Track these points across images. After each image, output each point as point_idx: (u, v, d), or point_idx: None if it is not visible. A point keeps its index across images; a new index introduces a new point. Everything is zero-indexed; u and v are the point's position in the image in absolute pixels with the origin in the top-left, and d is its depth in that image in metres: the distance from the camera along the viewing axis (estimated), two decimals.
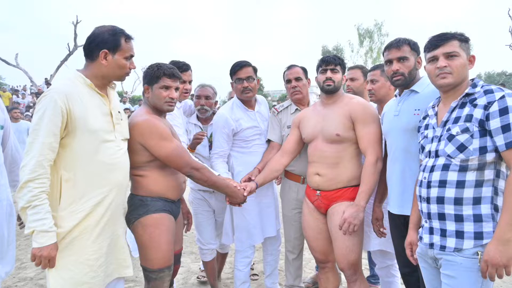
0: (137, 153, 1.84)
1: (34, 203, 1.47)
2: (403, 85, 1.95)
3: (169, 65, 1.95)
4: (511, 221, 1.33)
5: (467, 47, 1.56)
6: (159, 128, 1.83)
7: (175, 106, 1.98)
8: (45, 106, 1.51)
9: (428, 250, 1.57)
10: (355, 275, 2.09)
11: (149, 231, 1.82)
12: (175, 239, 2.01)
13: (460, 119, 1.48)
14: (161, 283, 1.86)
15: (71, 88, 1.59)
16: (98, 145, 1.61)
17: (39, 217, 1.47)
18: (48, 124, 1.50)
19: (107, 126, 1.67)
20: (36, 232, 1.47)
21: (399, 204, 1.92)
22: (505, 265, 1.33)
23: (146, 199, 1.86)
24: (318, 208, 2.20)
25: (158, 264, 1.83)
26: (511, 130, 1.36)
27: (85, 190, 1.59)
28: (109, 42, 1.65)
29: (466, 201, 1.45)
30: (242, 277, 2.53)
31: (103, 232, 1.65)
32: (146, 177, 1.87)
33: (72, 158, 1.57)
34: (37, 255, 1.48)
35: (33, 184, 1.48)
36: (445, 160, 1.51)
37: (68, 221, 1.55)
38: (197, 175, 1.93)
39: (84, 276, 1.59)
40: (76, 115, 1.56)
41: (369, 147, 2.06)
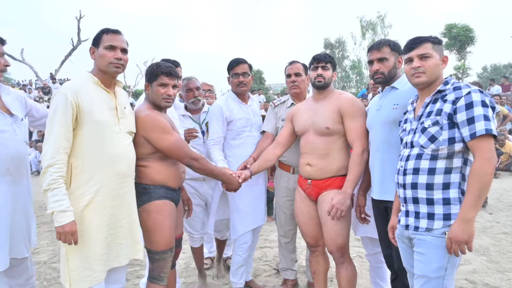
0: (141, 145, 2.00)
1: (53, 186, 1.67)
2: (383, 82, 2.12)
3: (167, 64, 2.10)
4: (472, 203, 1.49)
5: (440, 49, 1.71)
6: (160, 123, 1.99)
7: (172, 102, 2.12)
8: (58, 101, 1.72)
9: (404, 231, 1.75)
10: (342, 257, 2.27)
11: (153, 217, 1.99)
12: (176, 224, 2.17)
13: (432, 113, 1.64)
14: (164, 263, 2.03)
15: (80, 85, 1.79)
16: (104, 136, 1.80)
17: (57, 198, 1.67)
18: (61, 117, 1.70)
19: (112, 119, 1.85)
20: (55, 212, 1.67)
21: (379, 191, 2.08)
22: (466, 241, 1.50)
23: (149, 187, 2.02)
24: (309, 196, 2.37)
25: (161, 246, 2.00)
26: (475, 123, 1.51)
27: (91, 176, 1.77)
28: (94, 39, 1.87)
29: (437, 186, 1.61)
30: (240, 261, 2.72)
31: (109, 216, 1.82)
32: (149, 167, 2.03)
33: (80, 147, 1.76)
34: (61, 232, 1.68)
35: (53, 169, 1.67)
36: (418, 150, 1.67)
37: (76, 203, 1.74)
38: (196, 165, 2.09)
39: (95, 254, 1.78)
40: (84, 109, 1.75)
41: (356, 139, 2.22)
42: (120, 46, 1.86)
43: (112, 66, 1.85)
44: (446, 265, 1.58)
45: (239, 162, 2.61)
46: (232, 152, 2.71)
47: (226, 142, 2.73)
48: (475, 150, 1.53)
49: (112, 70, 1.87)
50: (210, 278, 3.14)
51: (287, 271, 2.88)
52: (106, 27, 1.88)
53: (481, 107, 1.51)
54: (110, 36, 1.85)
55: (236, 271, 2.75)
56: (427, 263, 1.62)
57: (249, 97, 2.83)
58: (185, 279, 3.16)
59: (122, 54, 1.87)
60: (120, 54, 1.86)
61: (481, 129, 1.49)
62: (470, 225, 1.50)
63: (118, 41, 1.86)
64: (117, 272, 2.01)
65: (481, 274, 3.14)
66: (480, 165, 1.50)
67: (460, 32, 22.21)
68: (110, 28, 1.89)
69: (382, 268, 2.60)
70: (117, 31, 1.88)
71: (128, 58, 1.93)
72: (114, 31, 1.88)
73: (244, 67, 2.68)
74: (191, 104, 2.87)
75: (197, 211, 2.80)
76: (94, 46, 1.88)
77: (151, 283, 2.06)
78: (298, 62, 2.67)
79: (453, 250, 1.53)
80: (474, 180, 1.50)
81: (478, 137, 1.50)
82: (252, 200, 2.67)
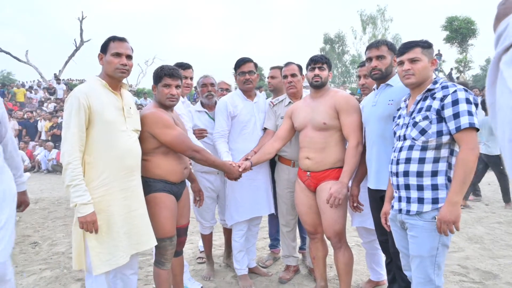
0: (146, 140, 2.18)
1: (75, 183, 1.86)
2: (380, 78, 2.29)
3: (170, 66, 2.28)
4: (458, 188, 1.68)
5: (429, 52, 1.89)
6: (163, 119, 2.17)
7: (176, 101, 2.29)
8: (72, 104, 1.91)
9: (397, 215, 1.93)
10: (339, 242, 2.45)
11: (151, 207, 2.16)
12: (180, 215, 2.36)
13: (422, 109, 1.83)
14: (164, 250, 2.22)
15: (90, 89, 1.98)
16: (112, 134, 1.98)
17: (79, 193, 1.86)
18: (75, 118, 1.89)
19: (120, 118, 2.03)
20: (78, 205, 1.86)
21: (375, 181, 2.26)
22: (454, 221, 1.69)
23: (149, 180, 2.20)
24: (308, 187, 2.55)
25: (159, 234, 2.16)
26: (460, 117, 1.70)
27: (102, 171, 1.95)
28: (102, 46, 2.05)
29: (426, 174, 1.80)
30: (238, 247, 2.94)
31: (123, 206, 2.00)
32: (150, 162, 2.20)
33: (92, 144, 1.94)
34: (83, 222, 1.87)
35: (72, 166, 1.86)
36: (410, 142, 1.86)
37: (91, 195, 1.91)
38: (198, 156, 2.27)
39: (114, 240, 1.97)
40: (95, 109, 1.93)
41: (351, 133, 2.40)
42: (125, 53, 2.04)
43: (118, 72, 2.02)
44: (437, 245, 1.77)
45: (241, 156, 2.80)
46: (235, 146, 2.89)
47: (231, 136, 2.92)
48: (460, 141, 1.72)
49: (118, 75, 2.04)
50: (217, 265, 3.35)
51: (289, 258, 3.07)
52: (113, 35, 2.06)
53: (465, 104, 1.70)
54: (117, 44, 2.03)
55: (237, 256, 2.95)
56: (420, 245, 1.80)
57: (255, 95, 3.01)
58: (194, 267, 3.36)
59: (127, 60, 2.05)
60: (125, 60, 2.03)
61: (465, 123, 1.68)
62: (457, 207, 1.69)
63: (124, 48, 2.03)
64: (131, 257, 2.16)
65: (474, 260, 3.29)
66: (465, 155, 1.68)
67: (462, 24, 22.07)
68: (116, 36, 2.07)
69: (377, 254, 2.80)
70: (123, 39, 2.06)
71: (132, 64, 2.11)
72: (120, 39, 2.05)
73: (250, 66, 2.89)
74: (205, 99, 3.08)
75: (209, 203, 3.00)
76: (102, 52, 2.05)
77: (155, 266, 2.28)
78: (293, 63, 2.86)
79: (442, 230, 1.72)
80: (460, 168, 1.69)
81: (463, 130, 1.69)
82: (249, 192, 2.86)
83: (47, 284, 2.98)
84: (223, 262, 3.41)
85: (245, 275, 2.95)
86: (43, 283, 3.00)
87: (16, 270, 3.27)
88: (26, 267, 3.35)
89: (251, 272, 3.09)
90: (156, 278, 2.28)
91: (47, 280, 3.06)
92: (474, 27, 22.23)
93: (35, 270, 3.27)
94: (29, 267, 3.35)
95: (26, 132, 11.47)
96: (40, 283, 3.01)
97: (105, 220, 1.95)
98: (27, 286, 2.94)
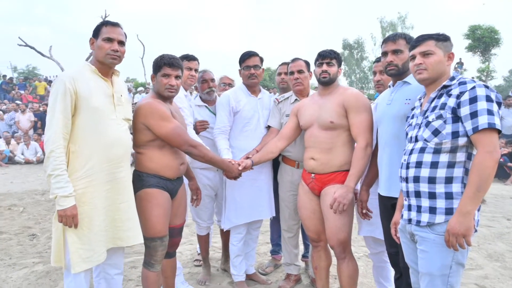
0: (140, 132, 2.06)
1: (56, 172, 1.74)
2: (396, 75, 2.09)
3: (170, 55, 2.15)
4: (471, 195, 1.47)
5: (444, 45, 1.69)
6: (159, 110, 2.04)
7: (176, 92, 2.16)
8: (57, 89, 1.80)
9: (406, 225, 1.73)
10: (343, 253, 2.26)
11: (142, 204, 2.04)
12: (175, 214, 2.21)
13: (437, 108, 1.63)
14: (154, 251, 2.08)
15: (78, 73, 1.87)
16: (100, 121, 1.86)
17: (60, 185, 1.74)
18: (60, 103, 1.77)
19: (109, 106, 1.92)
20: (58, 197, 1.74)
21: (386, 187, 2.06)
22: (464, 234, 1.47)
23: (142, 174, 2.08)
24: (312, 190, 2.37)
25: (149, 233, 2.04)
26: (478, 117, 1.49)
27: (87, 160, 1.83)
28: (94, 31, 1.94)
29: (439, 180, 1.59)
30: (236, 251, 2.77)
31: (106, 199, 1.88)
32: (144, 155, 2.08)
33: (77, 132, 1.83)
34: (62, 215, 1.75)
35: (55, 154, 1.75)
36: (422, 143, 1.66)
37: (74, 185, 1.80)
38: (194, 152, 2.13)
39: (95, 235, 1.84)
40: (81, 95, 1.82)
41: (360, 133, 2.21)
42: (117, 39, 1.92)
43: (109, 58, 1.91)
44: (450, 263, 1.56)
45: (242, 154, 2.63)
46: (236, 143, 2.74)
47: (232, 132, 2.76)
48: (477, 144, 1.51)
49: (109, 61, 1.93)
50: (215, 269, 3.19)
51: (290, 266, 2.89)
52: (106, 20, 1.97)
53: (485, 102, 1.50)
54: (109, 29, 1.91)
55: (234, 261, 2.78)
56: (430, 261, 1.60)
57: (260, 91, 2.85)
58: (190, 269, 3.21)
59: (119, 46, 1.93)
60: (117, 46, 1.92)
61: (484, 123, 1.48)
62: (468, 218, 1.48)
63: (116, 34, 1.92)
64: (114, 256, 2.06)
65: (493, 280, 3.04)
66: (481, 158, 1.48)
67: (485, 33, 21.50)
68: (109, 20, 1.96)
69: (386, 267, 2.56)
70: (116, 24, 1.95)
71: (125, 50, 1.99)
72: (113, 23, 1.94)
73: (255, 60, 2.72)
74: (206, 95, 2.94)
75: (206, 201, 2.85)
76: (94, 37, 1.95)
77: (143, 267, 2.12)
78: (301, 59, 2.68)
79: (451, 243, 1.51)
80: (474, 172, 1.49)
81: (481, 130, 1.48)
82: (250, 194, 2.69)
83: (37, 279, 2.89)
84: (220, 266, 3.24)
85: (242, 282, 2.79)
86: (33, 277, 2.92)
87: (9, 263, 3.20)
88: (19, 259, 3.28)
89: (249, 279, 2.92)
90: (144, 280, 2.14)
91: (38, 274, 2.97)
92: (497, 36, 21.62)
93: (28, 263, 3.19)
94: (22, 259, 3.28)
95: (41, 125, 11.66)
96: (30, 277, 2.92)
97: (87, 213, 1.82)
98: (17, 280, 2.87)
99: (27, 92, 14.90)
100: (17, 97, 13.73)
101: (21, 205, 5.35)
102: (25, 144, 9.90)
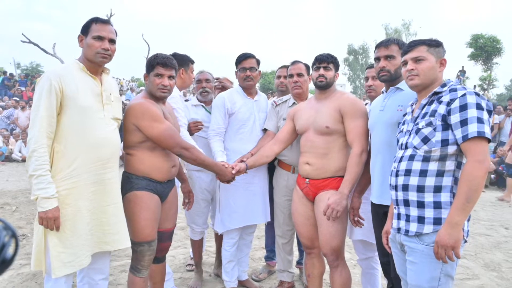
0: (131, 133, 2.00)
1: (38, 173, 1.68)
2: (388, 81, 2.06)
3: (164, 54, 2.10)
4: (460, 206, 1.43)
5: (437, 51, 1.66)
6: (150, 111, 1.98)
7: (168, 93, 2.10)
8: (42, 86, 1.74)
9: (396, 235, 1.69)
10: (336, 260, 2.20)
11: (131, 207, 1.98)
12: (165, 217, 2.15)
13: (427, 115, 1.60)
14: (141, 256, 2.01)
15: (65, 70, 1.81)
16: (87, 121, 1.80)
17: (42, 186, 1.68)
18: (45, 101, 1.71)
19: (97, 105, 1.86)
20: (40, 198, 1.68)
21: (378, 195, 2.01)
22: (453, 246, 1.43)
23: (131, 176, 2.02)
24: (307, 195, 2.32)
25: (137, 238, 1.98)
26: (468, 125, 1.46)
27: (73, 160, 1.77)
28: (83, 28, 1.87)
29: (428, 189, 1.56)
30: (228, 257, 2.70)
31: (91, 201, 1.81)
32: (134, 156, 2.02)
33: (63, 132, 1.77)
34: (43, 217, 1.69)
35: (38, 154, 1.69)
36: (412, 151, 1.62)
37: (57, 187, 1.73)
38: (186, 154, 2.07)
39: (79, 238, 1.77)
40: (68, 94, 1.76)
41: (356, 139, 2.16)
42: (108, 37, 1.86)
43: (99, 56, 1.86)
44: (439, 275, 1.52)
45: (237, 157, 2.58)
46: (231, 145, 2.68)
47: (227, 134, 2.71)
48: (467, 152, 1.48)
49: (99, 60, 1.87)
50: (207, 274, 3.12)
51: (284, 273, 2.82)
52: (96, 16, 1.89)
53: (475, 109, 1.47)
54: (99, 26, 1.85)
55: (226, 267, 2.72)
56: (419, 273, 1.56)
57: (256, 93, 2.81)
58: (182, 274, 3.15)
59: (109, 44, 1.87)
60: (108, 44, 1.86)
61: (473, 131, 1.45)
62: (457, 229, 1.44)
63: (107, 32, 1.86)
64: (100, 261, 1.99)
65: None
66: (471, 168, 1.44)
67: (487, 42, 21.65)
68: (99, 17, 1.90)
69: (374, 274, 2.51)
70: (106, 21, 1.89)
71: (115, 48, 1.93)
72: (103, 21, 1.88)
73: (252, 62, 2.68)
74: (199, 95, 2.91)
75: (202, 206, 2.79)
76: (83, 34, 1.88)
77: (130, 272, 2.06)
78: (301, 62, 2.64)
79: (439, 255, 1.46)
80: (463, 183, 1.45)
81: (470, 139, 1.46)
82: (244, 197, 2.63)
83: (22, 282, 2.83)
84: (213, 271, 3.18)
85: None
86: (18, 280, 2.86)
87: None
88: None
89: (242, 285, 2.86)
90: (130, 286, 2.08)
91: (24, 277, 2.91)
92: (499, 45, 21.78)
93: (15, 265, 3.12)
94: None
95: None
96: (15, 280, 2.86)
97: (71, 216, 1.76)
98: (1, 282, 2.80)
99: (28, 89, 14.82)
100: (17, 94, 13.64)
101: (14, 204, 5.29)
102: (23, 142, 9.85)
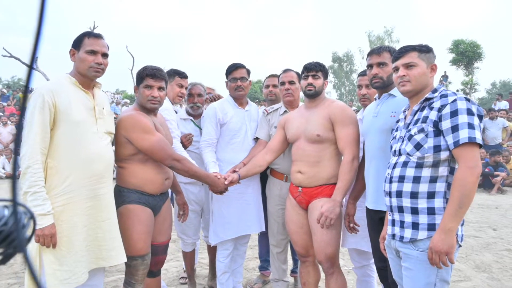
0: (122, 146, 2.00)
1: (33, 189, 1.66)
2: (381, 87, 2.09)
3: (154, 66, 2.11)
4: (454, 212, 1.45)
5: (427, 57, 1.69)
6: (141, 123, 1.98)
7: (159, 104, 2.11)
8: (35, 101, 1.72)
9: (391, 241, 1.70)
10: (332, 268, 2.21)
11: (123, 220, 1.96)
12: (159, 231, 2.13)
13: (419, 121, 1.62)
14: (134, 270, 1.99)
15: (57, 85, 1.80)
16: (80, 136, 1.79)
17: (38, 203, 1.66)
18: (38, 116, 1.70)
19: (90, 119, 1.85)
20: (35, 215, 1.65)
21: (374, 200, 2.04)
22: (447, 252, 1.45)
23: (123, 189, 2.01)
24: (300, 203, 2.33)
25: (130, 252, 1.96)
26: (459, 130, 1.48)
27: (67, 176, 1.75)
28: (75, 42, 1.87)
29: (421, 195, 1.58)
30: (222, 268, 2.68)
31: (87, 216, 1.80)
32: (126, 169, 2.02)
33: (57, 147, 1.75)
34: (40, 234, 1.66)
35: (32, 170, 1.67)
36: (405, 157, 1.64)
37: (52, 203, 1.71)
38: (178, 166, 2.07)
39: (75, 255, 1.75)
40: (61, 109, 1.75)
41: (347, 147, 2.19)
42: (101, 51, 1.87)
43: (92, 71, 1.86)
44: (435, 280, 1.54)
45: (229, 167, 2.58)
46: (223, 156, 2.69)
47: (219, 145, 2.72)
48: (459, 158, 1.51)
49: (92, 74, 1.87)
50: (201, 287, 3.09)
51: (279, 282, 2.81)
52: (88, 30, 1.90)
53: (466, 115, 1.49)
54: (92, 41, 1.85)
55: (220, 278, 2.70)
56: (415, 279, 1.57)
57: (247, 103, 2.83)
58: (176, 287, 3.11)
59: (102, 58, 1.88)
60: (101, 59, 1.87)
61: (464, 137, 1.47)
62: (450, 235, 1.46)
63: (100, 46, 1.87)
64: (95, 277, 1.96)
65: None
66: (462, 174, 1.47)
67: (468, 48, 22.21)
68: (92, 31, 1.91)
69: (370, 282, 2.52)
70: (99, 35, 1.89)
71: (108, 63, 1.93)
72: (96, 35, 1.89)
73: (242, 72, 2.70)
74: (190, 109, 2.91)
75: (192, 217, 2.78)
76: (75, 48, 1.88)
77: (124, 287, 2.03)
78: (292, 70, 2.67)
79: (433, 261, 1.48)
80: (456, 189, 1.47)
81: (462, 145, 1.47)
82: (237, 208, 2.63)
83: None
84: (207, 283, 3.15)
85: None
86: None
87: None
88: None
89: None
90: None
91: None
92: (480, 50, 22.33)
93: (2, 284, 3.03)
94: None
95: None
96: None
97: (66, 232, 1.74)
98: None
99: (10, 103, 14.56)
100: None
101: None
102: (6, 158, 9.62)
